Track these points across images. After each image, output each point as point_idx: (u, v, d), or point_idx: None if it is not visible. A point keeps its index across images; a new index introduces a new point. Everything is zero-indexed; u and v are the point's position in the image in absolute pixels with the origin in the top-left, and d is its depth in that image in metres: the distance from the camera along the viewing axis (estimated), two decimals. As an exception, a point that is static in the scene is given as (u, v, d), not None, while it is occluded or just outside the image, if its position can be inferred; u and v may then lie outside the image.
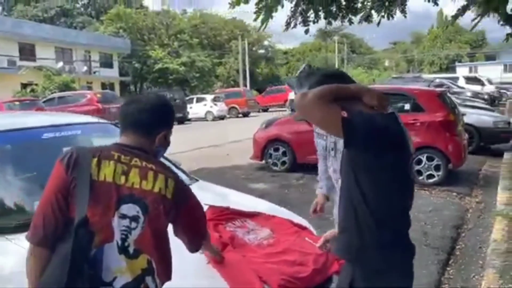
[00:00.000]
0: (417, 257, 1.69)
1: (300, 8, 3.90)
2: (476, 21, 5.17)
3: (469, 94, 17.30)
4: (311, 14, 3.97)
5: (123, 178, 1.48)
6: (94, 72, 34.54)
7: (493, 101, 18.88)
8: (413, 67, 58.21)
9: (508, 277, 3.45)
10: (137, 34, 41.49)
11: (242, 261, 2.18)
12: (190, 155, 9.67)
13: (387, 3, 4.01)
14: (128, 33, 40.10)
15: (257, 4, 3.85)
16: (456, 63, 47.23)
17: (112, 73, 36.91)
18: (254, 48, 47.00)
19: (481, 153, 9.18)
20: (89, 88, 29.33)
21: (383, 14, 4.07)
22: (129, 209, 1.47)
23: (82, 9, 48.30)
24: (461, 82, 22.22)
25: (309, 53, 56.56)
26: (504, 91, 25.32)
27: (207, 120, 23.83)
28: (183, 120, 21.85)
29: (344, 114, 1.50)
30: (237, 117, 26.03)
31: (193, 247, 1.73)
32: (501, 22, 5.53)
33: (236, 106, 26.27)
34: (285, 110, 22.94)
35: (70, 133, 3.11)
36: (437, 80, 18.02)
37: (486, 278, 3.50)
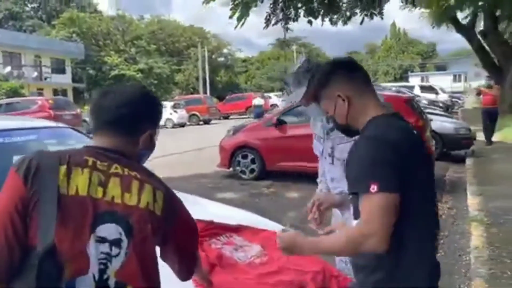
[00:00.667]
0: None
1: (280, 5, 3.68)
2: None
3: (425, 102, 17.84)
4: (291, 12, 3.76)
5: (100, 191, 1.15)
6: (45, 78, 32.84)
7: (447, 109, 19.61)
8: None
9: (496, 286, 3.34)
10: (92, 39, 40.10)
11: (234, 285, 1.88)
12: (151, 164, 9.17)
13: (365, 2, 3.88)
14: (82, 38, 38.64)
15: (233, 0, 3.59)
16: (409, 73, 49.07)
17: (65, 79, 35.29)
18: (213, 56, 46.67)
19: (443, 159, 9.33)
20: (40, 94, 27.82)
21: (366, 13, 3.93)
22: (109, 230, 1.13)
23: (32, 12, 46.06)
24: (417, 91, 22.97)
25: (268, 61, 56.90)
26: (456, 99, 26.49)
27: (166, 128, 23.13)
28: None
29: (374, 189, 1.27)
30: (198, 124, 25.53)
31: (185, 274, 1.41)
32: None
33: (197, 113, 25.78)
34: (247, 117, 22.72)
35: (22, 138, 2.70)
36: (393, 89, 18.51)
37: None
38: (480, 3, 13.44)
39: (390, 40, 58.82)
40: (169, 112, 23.80)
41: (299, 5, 3.65)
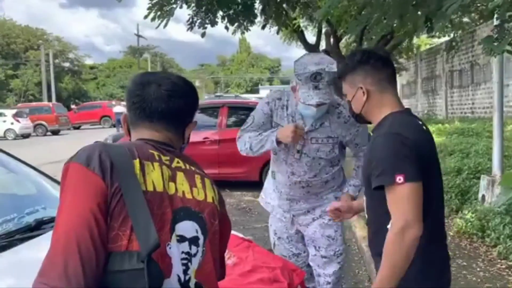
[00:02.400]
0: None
1: (204, 8, 3.63)
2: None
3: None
4: (210, 16, 3.75)
5: (172, 186, 1.05)
6: None
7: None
8: (220, 88, 62.02)
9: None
10: None
11: (223, 285, 1.84)
12: None
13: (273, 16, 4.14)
14: None
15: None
16: (259, 86, 52.58)
17: None
18: (57, 60, 42.53)
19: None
20: None
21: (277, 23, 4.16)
22: (187, 227, 1.05)
23: None
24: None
25: (119, 69, 54.38)
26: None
27: (7, 139, 20.27)
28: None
29: (400, 179, 1.31)
30: (45, 135, 22.91)
31: (222, 273, 1.35)
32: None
33: (44, 123, 23.09)
34: (103, 128, 21.33)
35: None
36: (253, 99, 19.62)
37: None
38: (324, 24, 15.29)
39: (241, 54, 62.15)
40: (9, 122, 20.96)
41: (217, 10, 3.68)
